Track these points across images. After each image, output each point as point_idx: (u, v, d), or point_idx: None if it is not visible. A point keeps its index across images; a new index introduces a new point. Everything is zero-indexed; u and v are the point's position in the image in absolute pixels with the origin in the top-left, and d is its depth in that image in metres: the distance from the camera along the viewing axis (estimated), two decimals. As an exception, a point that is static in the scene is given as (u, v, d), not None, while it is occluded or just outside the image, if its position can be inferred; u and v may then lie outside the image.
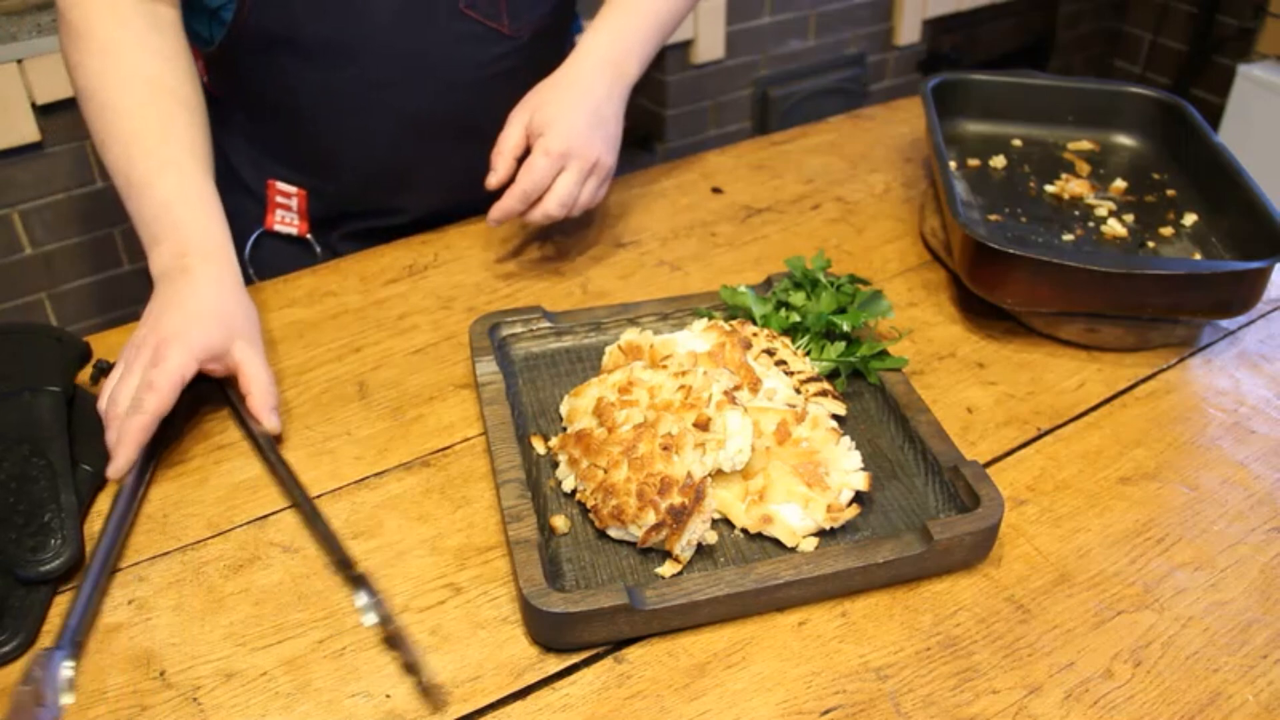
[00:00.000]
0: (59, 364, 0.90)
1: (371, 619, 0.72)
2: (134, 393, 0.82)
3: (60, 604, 0.75)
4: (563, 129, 1.01)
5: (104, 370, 0.94)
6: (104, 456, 0.83)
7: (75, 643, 0.70)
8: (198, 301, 0.88)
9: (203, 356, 0.85)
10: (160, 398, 0.81)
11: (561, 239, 1.17)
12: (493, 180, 1.03)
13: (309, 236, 1.21)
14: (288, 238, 1.21)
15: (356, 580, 0.75)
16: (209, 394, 0.92)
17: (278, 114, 1.12)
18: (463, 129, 1.14)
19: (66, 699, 0.67)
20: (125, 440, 0.80)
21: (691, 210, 1.24)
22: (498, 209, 1.02)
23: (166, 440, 0.88)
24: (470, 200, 1.17)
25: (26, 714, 0.64)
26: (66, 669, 0.68)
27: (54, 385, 0.87)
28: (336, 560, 0.77)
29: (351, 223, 1.22)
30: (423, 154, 1.15)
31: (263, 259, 1.21)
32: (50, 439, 0.83)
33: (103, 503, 0.83)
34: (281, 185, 1.18)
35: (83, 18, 0.94)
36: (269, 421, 0.87)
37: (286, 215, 1.19)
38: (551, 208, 1.02)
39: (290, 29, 1.04)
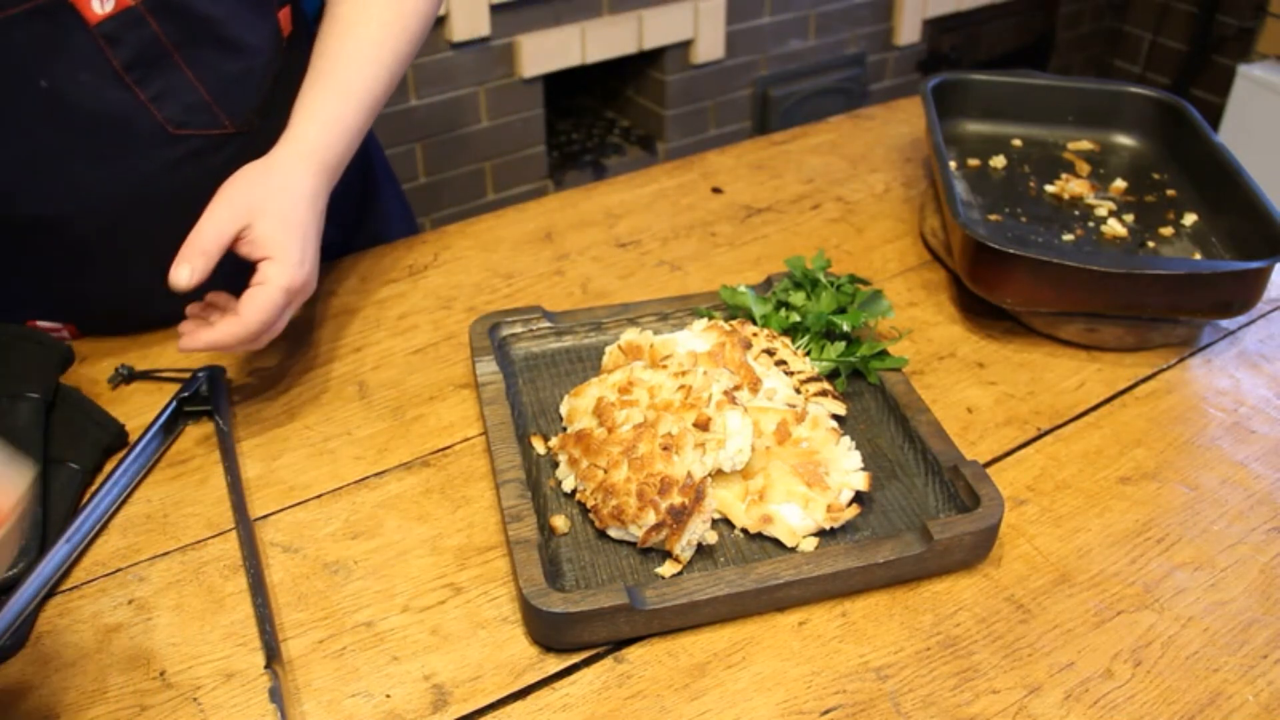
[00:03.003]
0: (39, 369, 0.88)
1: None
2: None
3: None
4: (292, 258, 0.84)
5: (125, 377, 0.95)
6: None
7: None
8: None
9: None
10: None
11: (561, 239, 1.17)
12: (186, 278, 0.81)
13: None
14: None
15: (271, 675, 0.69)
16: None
17: (8, 270, 0.97)
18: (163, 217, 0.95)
19: None
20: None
21: (691, 210, 1.24)
22: (201, 339, 0.83)
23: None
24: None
25: None
26: None
27: (33, 392, 0.85)
28: (264, 641, 0.72)
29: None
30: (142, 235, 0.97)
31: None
32: (25, 447, 0.81)
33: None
34: (43, 323, 1.01)
35: None
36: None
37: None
38: (262, 344, 0.86)
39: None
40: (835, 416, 0.85)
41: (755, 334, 0.91)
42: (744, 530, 0.79)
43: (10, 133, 0.86)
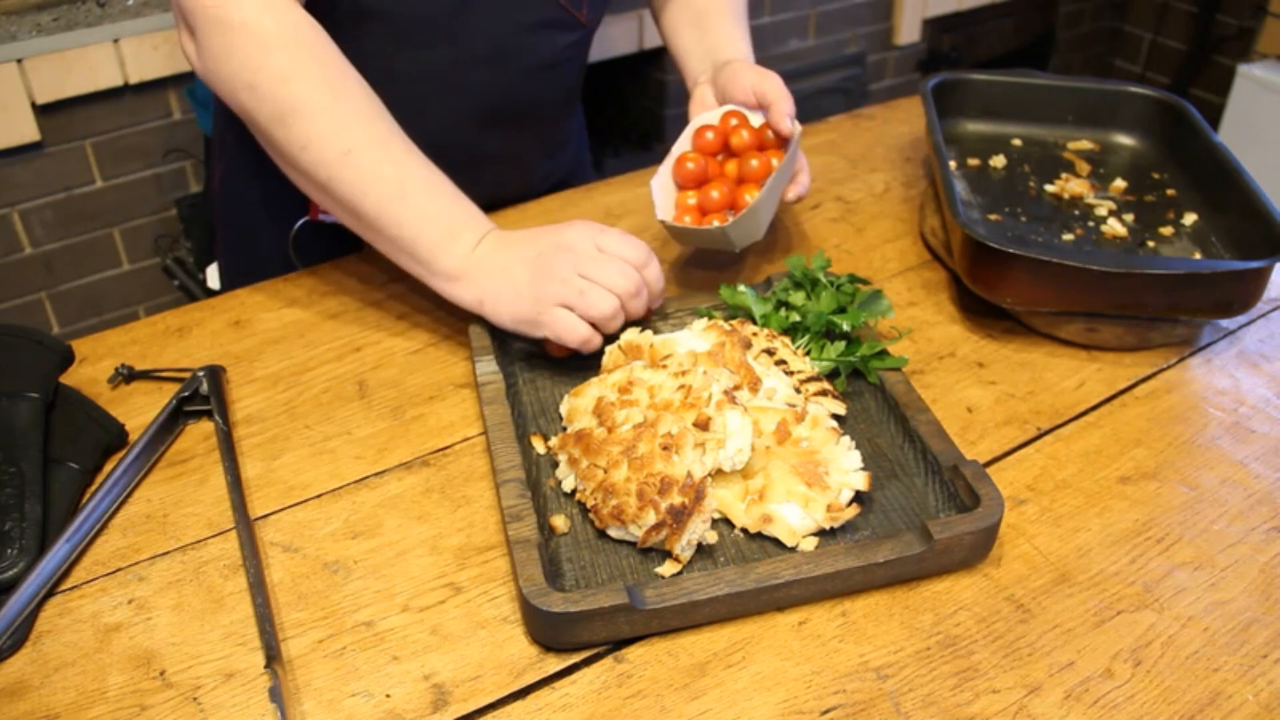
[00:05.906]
0: (39, 369, 0.88)
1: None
2: (632, 276, 0.90)
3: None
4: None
5: (125, 377, 0.95)
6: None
7: None
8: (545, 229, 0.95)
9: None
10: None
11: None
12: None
13: None
14: (333, 227, 1.17)
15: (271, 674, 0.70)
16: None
17: None
18: (522, 117, 1.16)
19: None
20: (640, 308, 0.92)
21: (691, 210, 1.23)
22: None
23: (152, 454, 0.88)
24: (516, 191, 1.20)
25: None
26: None
27: (32, 392, 0.85)
28: (264, 643, 0.72)
29: None
30: (484, 140, 1.15)
31: (306, 248, 1.18)
32: (25, 447, 0.82)
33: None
34: None
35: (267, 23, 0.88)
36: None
37: None
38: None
39: (386, 3, 1.03)
40: (835, 416, 0.85)
41: (755, 334, 0.91)
42: (744, 530, 0.79)
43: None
